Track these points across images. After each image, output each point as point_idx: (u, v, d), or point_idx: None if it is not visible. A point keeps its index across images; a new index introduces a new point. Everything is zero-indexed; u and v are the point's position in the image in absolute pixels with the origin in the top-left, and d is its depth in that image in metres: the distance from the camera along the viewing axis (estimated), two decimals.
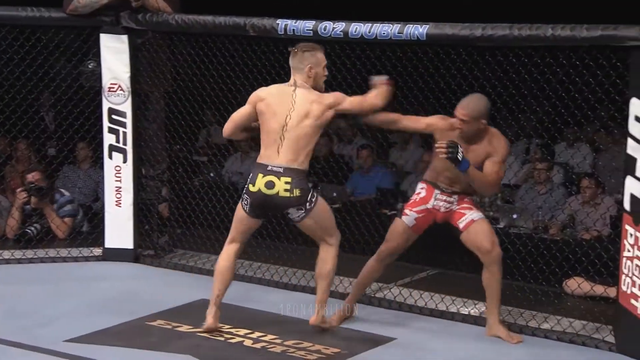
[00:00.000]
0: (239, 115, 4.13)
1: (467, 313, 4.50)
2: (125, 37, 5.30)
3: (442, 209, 4.16)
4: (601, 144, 6.37)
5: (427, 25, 4.40)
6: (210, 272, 5.25)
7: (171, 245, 5.58)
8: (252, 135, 4.23)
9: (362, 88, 5.42)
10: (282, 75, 5.16)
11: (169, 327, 4.24)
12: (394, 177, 6.84)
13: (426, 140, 7.21)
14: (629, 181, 3.96)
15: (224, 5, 5.46)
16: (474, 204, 4.18)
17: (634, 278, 3.94)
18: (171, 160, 5.66)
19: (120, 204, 5.40)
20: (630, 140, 3.95)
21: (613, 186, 5.77)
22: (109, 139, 5.39)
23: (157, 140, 5.46)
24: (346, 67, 5.00)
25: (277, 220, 5.80)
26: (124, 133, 5.37)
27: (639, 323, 3.92)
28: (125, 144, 5.37)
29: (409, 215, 4.18)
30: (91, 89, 5.45)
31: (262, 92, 4.10)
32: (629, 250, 3.97)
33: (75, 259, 5.48)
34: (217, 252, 5.55)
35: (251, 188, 3.98)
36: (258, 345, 4.03)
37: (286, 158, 3.95)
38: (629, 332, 3.98)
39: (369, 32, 4.53)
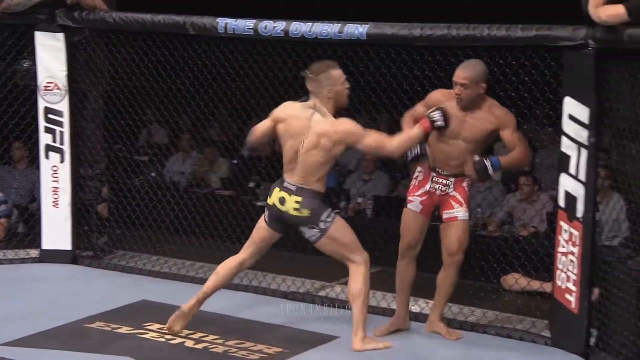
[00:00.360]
0: (260, 129, 4.10)
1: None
2: (61, 35, 5.21)
3: (439, 192, 4.12)
4: (537, 142, 6.50)
5: (367, 25, 4.44)
6: (151, 273, 5.22)
7: (110, 246, 5.51)
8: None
9: (304, 87, 5.44)
10: (222, 74, 5.16)
11: (108, 328, 4.18)
12: (336, 176, 6.86)
13: None
14: (563, 178, 4.05)
15: (164, 4, 5.41)
16: (466, 196, 4.14)
17: (569, 273, 4.04)
18: (110, 160, 5.58)
19: (57, 204, 5.31)
20: (564, 138, 4.04)
21: (549, 183, 5.90)
22: (45, 138, 5.29)
23: (95, 139, 5.38)
24: (287, 67, 5.01)
25: (218, 220, 5.78)
26: (61, 132, 5.28)
27: (573, 317, 4.01)
28: (62, 143, 5.29)
29: (414, 201, 4.14)
30: (26, 87, 5.35)
31: (283, 113, 4.04)
32: (563, 246, 4.06)
33: (11, 261, 5.37)
34: (158, 252, 5.55)
35: (269, 200, 4.03)
36: (200, 346, 4.00)
37: (299, 177, 3.95)
38: (563, 326, 4.07)
39: (310, 32, 4.54)
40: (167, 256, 5.46)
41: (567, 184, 4.03)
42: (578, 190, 3.99)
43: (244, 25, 4.67)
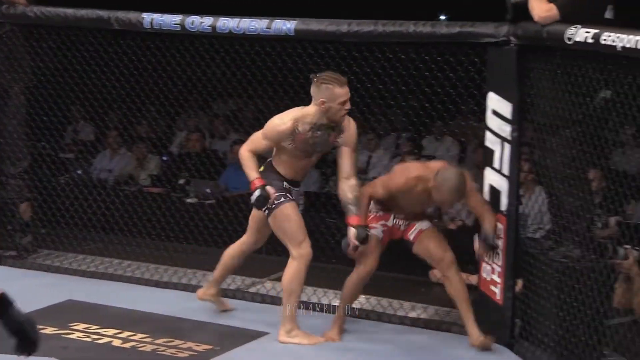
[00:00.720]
0: None
1: (337, 305, 4.56)
2: None
3: (402, 227, 4.11)
4: (462, 137, 6.62)
5: (295, 21, 4.44)
6: (77, 272, 5.12)
7: (35, 246, 5.38)
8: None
9: (231, 83, 5.41)
10: (149, 70, 5.09)
11: None
12: None
13: None
14: (488, 172, 4.14)
15: None
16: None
17: (494, 265, 4.12)
18: (34, 158, 5.45)
19: None
20: (488, 133, 4.12)
21: (476, 177, 6.00)
22: None
23: (17, 136, 5.24)
24: (215, 63, 4.98)
25: (147, 217, 5.72)
26: None
27: (498, 308, 4.10)
28: None
29: (377, 227, 4.07)
30: None
31: None
32: None
33: None
34: (85, 251, 5.45)
35: None
36: (127, 345, 3.95)
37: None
38: (489, 318, 4.15)
39: (237, 27, 4.52)
40: (94, 255, 5.36)
41: (492, 178, 4.12)
42: (502, 184, 4.08)
43: (171, 20, 4.62)
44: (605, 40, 3.31)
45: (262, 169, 4.09)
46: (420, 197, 3.95)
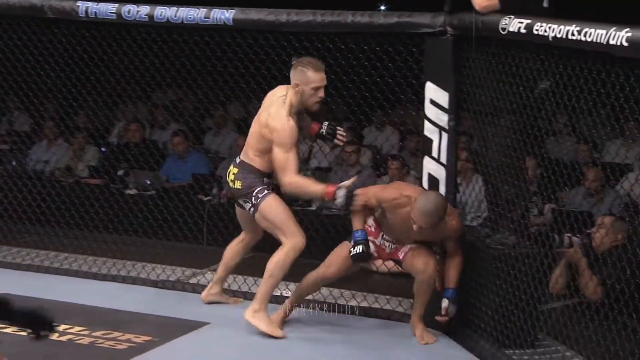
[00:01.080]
0: None
1: (279, 294, 4.57)
2: None
3: (388, 249, 4.06)
4: (401, 127, 6.68)
5: (233, 10, 4.41)
6: (11, 265, 5.01)
7: None
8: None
9: (170, 73, 5.35)
10: (85, 59, 5.00)
11: None
12: (209, 163, 6.82)
13: (239, 125, 7.25)
14: (426, 161, 4.18)
15: None
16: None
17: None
18: None
19: None
20: (426, 123, 4.16)
21: (417, 166, 6.06)
22: None
23: None
24: (153, 52, 4.92)
25: (85, 209, 5.63)
26: None
27: (437, 295, 4.14)
28: None
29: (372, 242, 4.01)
30: None
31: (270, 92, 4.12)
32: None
33: None
34: (20, 244, 5.34)
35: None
36: (64, 338, 3.89)
37: (244, 151, 4.05)
38: (429, 305, 4.19)
39: (175, 16, 4.47)
40: (29, 248, 5.26)
41: (430, 167, 4.16)
42: (440, 173, 4.13)
43: (106, 9, 4.54)
44: (537, 30, 3.37)
45: (236, 171, 4.01)
46: (407, 220, 3.83)
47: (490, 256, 3.89)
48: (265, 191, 3.96)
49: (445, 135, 4.10)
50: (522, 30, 3.47)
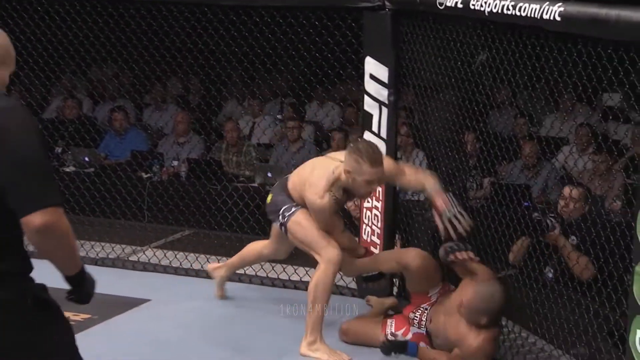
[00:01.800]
0: None
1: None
2: None
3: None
4: (343, 102, 6.67)
5: None
6: None
7: None
8: None
9: (105, 47, 5.23)
10: (16, 33, 4.85)
11: None
12: (148, 139, 6.72)
13: (178, 101, 7.16)
14: (367, 136, 4.19)
15: None
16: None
17: (373, 227, 4.21)
18: None
19: None
20: (366, 97, 4.17)
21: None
22: None
23: None
24: (88, 26, 4.82)
25: None
26: None
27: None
28: None
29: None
30: None
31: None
32: (368, 201, 4.22)
33: None
34: None
35: None
36: None
37: (291, 178, 3.80)
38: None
39: None
40: None
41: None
42: (380, 148, 4.14)
43: None
44: (473, 5, 3.39)
45: (275, 185, 3.86)
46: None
47: (429, 229, 3.94)
48: (293, 209, 3.72)
49: (385, 110, 4.11)
50: (459, 5, 3.49)
